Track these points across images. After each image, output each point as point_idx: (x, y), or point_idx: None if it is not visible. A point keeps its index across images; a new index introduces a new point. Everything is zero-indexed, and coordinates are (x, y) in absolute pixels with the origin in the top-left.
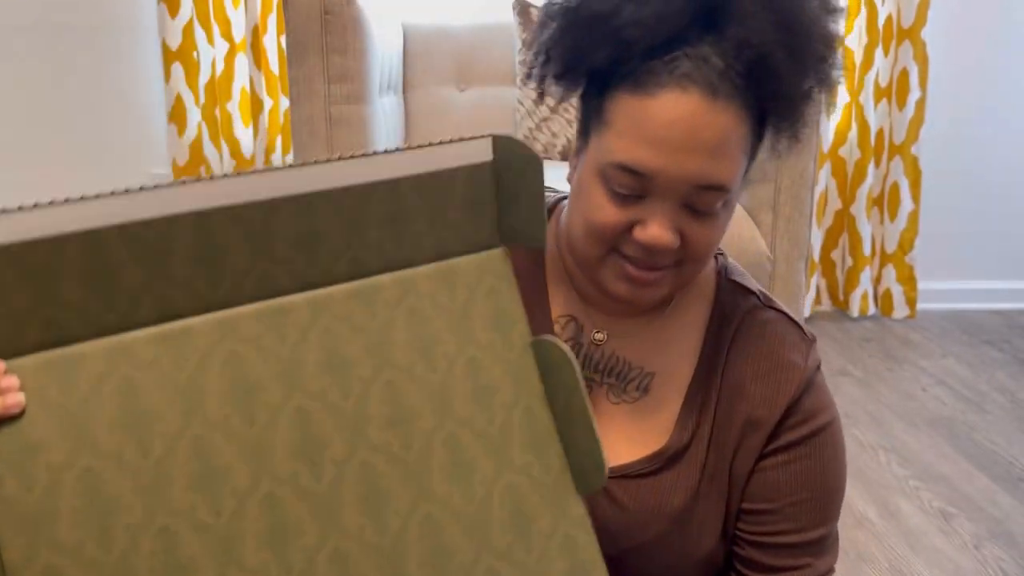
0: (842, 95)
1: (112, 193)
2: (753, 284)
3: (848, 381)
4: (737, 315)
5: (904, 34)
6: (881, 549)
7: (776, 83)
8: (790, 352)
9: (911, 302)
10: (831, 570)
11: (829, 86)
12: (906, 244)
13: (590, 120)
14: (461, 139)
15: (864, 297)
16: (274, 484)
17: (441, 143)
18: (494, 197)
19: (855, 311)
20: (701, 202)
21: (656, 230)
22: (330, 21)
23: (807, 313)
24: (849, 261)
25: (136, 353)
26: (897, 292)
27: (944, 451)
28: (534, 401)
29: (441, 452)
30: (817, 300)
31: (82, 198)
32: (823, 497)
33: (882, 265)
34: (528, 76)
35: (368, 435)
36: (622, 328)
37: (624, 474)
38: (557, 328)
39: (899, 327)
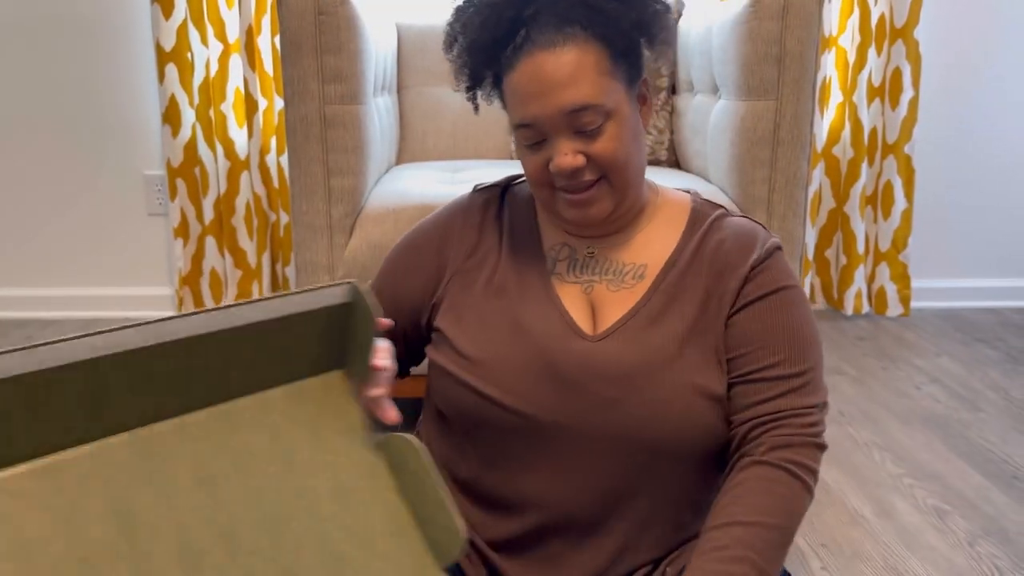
0: (835, 94)
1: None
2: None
3: (843, 379)
4: (710, 218)
5: (897, 33)
6: (876, 547)
7: (602, 14)
8: (754, 232)
9: (905, 300)
10: (816, 406)
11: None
12: (900, 243)
13: (505, 108)
14: (322, 286)
15: (858, 296)
16: None
17: (304, 291)
18: (341, 331)
19: (849, 309)
20: (582, 123)
21: (559, 159)
22: (324, 21)
23: None
24: (843, 260)
25: (13, 485)
26: (891, 290)
27: (938, 449)
28: (389, 494)
29: (312, 549)
30: (811, 299)
31: None
32: (796, 342)
33: (876, 264)
34: (467, 99)
35: (244, 541)
36: (608, 242)
37: (618, 328)
38: (552, 254)
39: (893, 325)
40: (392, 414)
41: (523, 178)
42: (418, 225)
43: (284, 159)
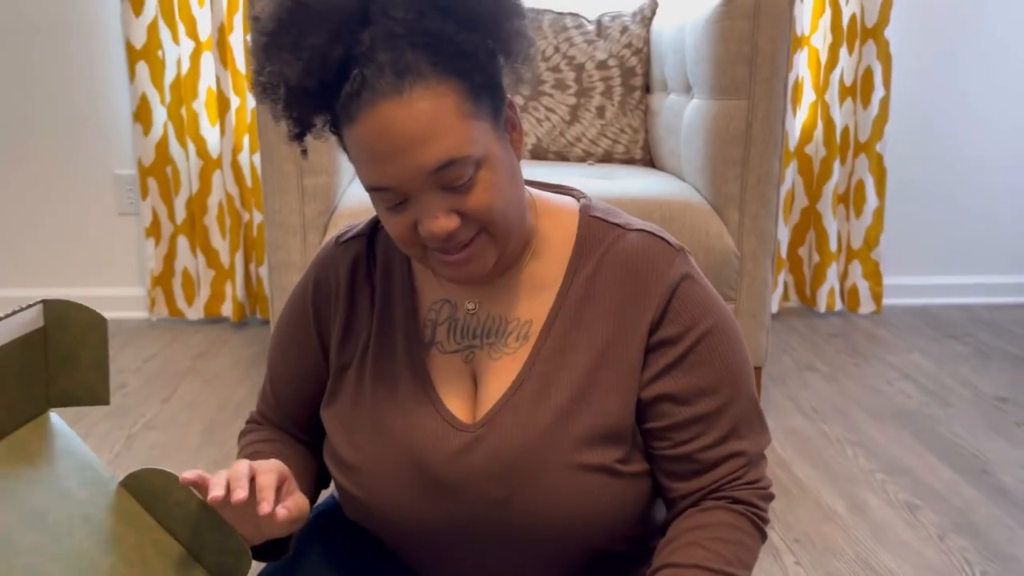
0: (808, 93)
1: None
2: (619, 216)
3: (815, 376)
4: (600, 247)
5: (868, 33)
6: (848, 542)
7: (449, 43)
8: (651, 261)
9: (877, 298)
10: (756, 456)
11: (513, 9)
12: (871, 240)
13: (348, 157)
14: (11, 313)
15: (831, 293)
16: None
17: None
18: (43, 364)
19: (822, 307)
20: (450, 179)
21: (429, 224)
22: None
23: (774, 309)
24: (816, 257)
25: None
26: (863, 288)
27: (909, 444)
28: (154, 533)
29: None
30: (784, 296)
31: None
32: (723, 397)
33: (848, 261)
34: (290, 140)
35: None
36: (491, 292)
37: (498, 410)
38: (432, 315)
39: (865, 322)
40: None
41: None
42: (290, 300)
43: (257, 157)
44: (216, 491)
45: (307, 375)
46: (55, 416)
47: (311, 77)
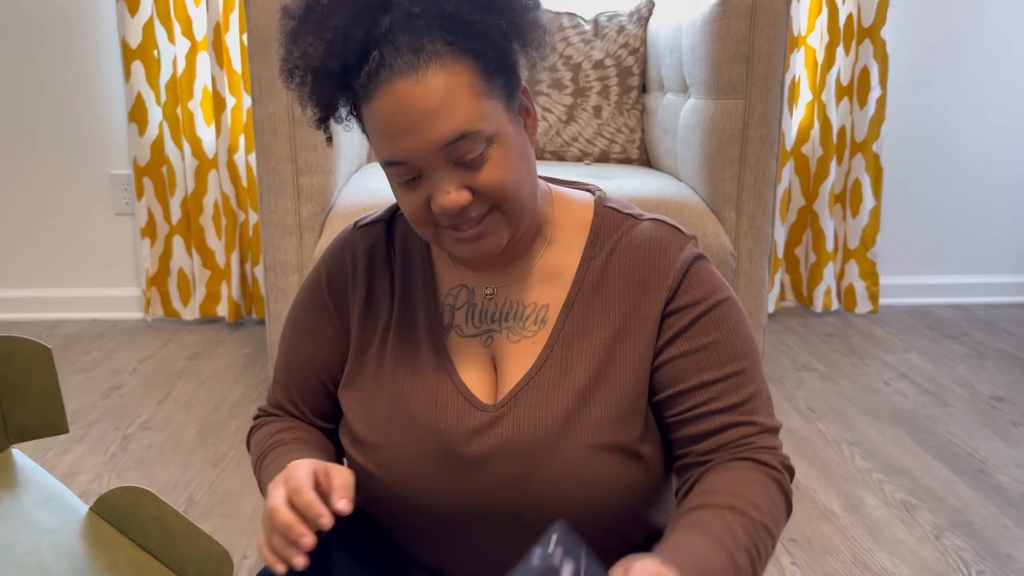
0: (804, 93)
1: None
2: (633, 208)
3: (812, 376)
4: (614, 235)
5: (864, 33)
6: (845, 541)
7: (464, 24)
8: (666, 243)
9: (873, 297)
10: (770, 429)
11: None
12: (868, 240)
13: (368, 138)
14: None
15: (827, 293)
16: None
17: None
18: None
19: (819, 307)
20: (462, 154)
21: (442, 198)
22: None
23: (771, 309)
24: (812, 257)
25: None
26: (860, 287)
27: (906, 444)
28: (129, 552)
29: None
30: (781, 296)
31: None
32: (737, 364)
33: (845, 261)
34: (316, 127)
35: None
36: (507, 277)
37: (518, 392)
38: (450, 300)
39: (862, 322)
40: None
41: None
42: (305, 285)
43: (253, 157)
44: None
45: (326, 357)
46: (16, 451)
47: (334, 58)
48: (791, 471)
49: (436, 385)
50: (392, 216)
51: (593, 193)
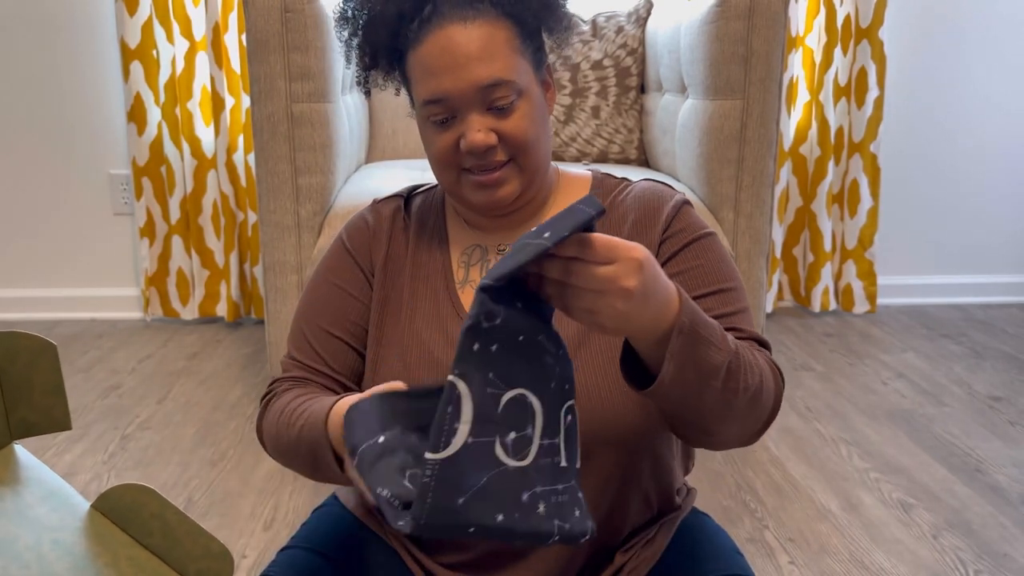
0: (802, 94)
1: None
2: (626, 177)
3: (810, 376)
4: (613, 191)
5: (862, 33)
6: (842, 541)
7: None
8: (658, 193)
9: (871, 297)
10: (760, 339)
11: None
12: (866, 240)
13: (408, 87)
14: None
15: (825, 293)
16: None
17: None
18: (0, 398)
19: (816, 307)
20: (495, 99)
21: (471, 135)
22: (291, 19)
23: (769, 309)
24: (810, 257)
25: None
26: (857, 287)
27: (904, 443)
28: (129, 549)
29: None
30: (779, 296)
31: None
32: (724, 284)
33: (843, 261)
34: (357, 83)
35: None
36: (517, 236)
37: None
38: (464, 259)
39: (860, 322)
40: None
41: (424, 187)
42: (328, 253)
43: (252, 157)
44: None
45: (351, 311)
46: (19, 447)
47: (392, 4)
48: (783, 378)
49: (454, 332)
50: (408, 194)
51: (591, 170)
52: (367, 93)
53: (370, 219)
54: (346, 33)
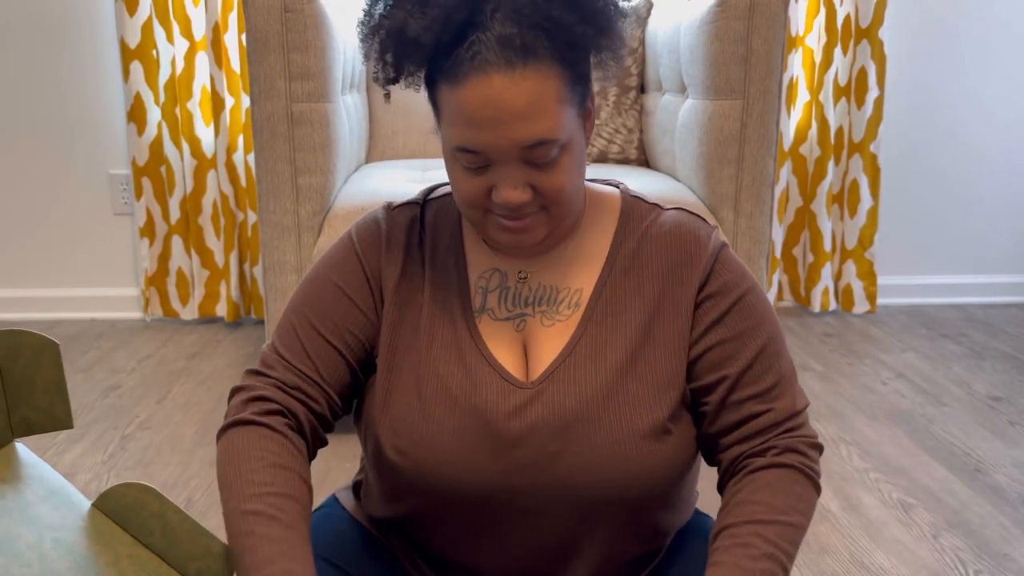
0: (802, 94)
1: None
2: (653, 200)
3: (809, 375)
4: (644, 220)
5: (862, 33)
6: (842, 541)
7: (566, 32)
8: (694, 229)
9: (871, 297)
10: (798, 409)
11: (620, 11)
12: (866, 240)
13: (435, 112)
14: None
15: (825, 293)
16: None
17: None
18: (2, 396)
19: (816, 306)
20: (536, 156)
21: (506, 192)
22: (290, 19)
23: None
24: (810, 257)
25: None
26: (857, 287)
27: (903, 443)
28: (130, 548)
29: None
30: (779, 296)
31: None
32: (775, 345)
33: (842, 261)
34: (375, 80)
35: None
36: (540, 264)
37: (554, 370)
38: (482, 283)
39: (859, 322)
40: None
41: (438, 192)
42: (332, 251)
43: (252, 157)
44: None
45: (351, 318)
46: (20, 446)
47: (430, 32)
48: (819, 448)
49: (473, 366)
50: (424, 200)
51: (616, 186)
52: (387, 96)
53: (384, 226)
54: (373, 43)
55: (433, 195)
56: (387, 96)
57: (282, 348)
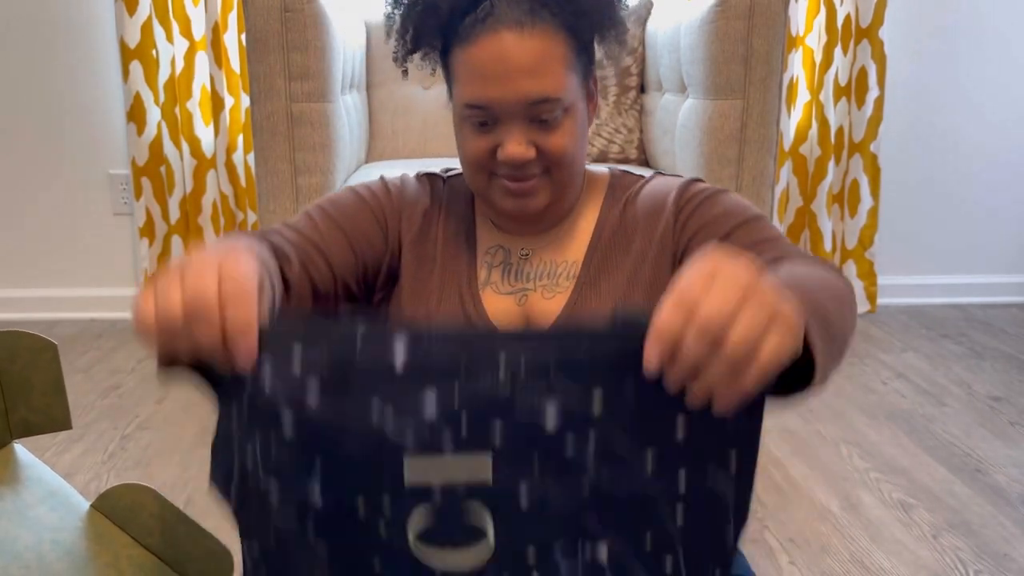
0: (802, 93)
1: None
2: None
3: None
4: (628, 190)
5: (862, 33)
6: (843, 541)
7: (575, 3)
8: (670, 180)
9: (871, 297)
10: (797, 253)
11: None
12: (866, 240)
13: (448, 79)
14: None
15: None
16: None
17: None
18: (0, 397)
19: None
20: (541, 113)
21: (511, 147)
22: (290, 18)
23: None
24: None
25: None
26: (858, 287)
27: (904, 443)
28: (130, 549)
29: None
30: None
31: None
32: (751, 224)
33: (843, 261)
34: (394, 59)
35: None
36: (541, 242)
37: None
38: (487, 258)
39: (860, 322)
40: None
41: (455, 170)
42: (348, 189)
43: (251, 157)
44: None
45: (368, 221)
46: (19, 447)
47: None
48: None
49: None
50: (445, 177)
51: (610, 168)
52: (404, 72)
53: (411, 185)
54: (396, 15)
55: (451, 173)
56: (405, 73)
57: (289, 224)
